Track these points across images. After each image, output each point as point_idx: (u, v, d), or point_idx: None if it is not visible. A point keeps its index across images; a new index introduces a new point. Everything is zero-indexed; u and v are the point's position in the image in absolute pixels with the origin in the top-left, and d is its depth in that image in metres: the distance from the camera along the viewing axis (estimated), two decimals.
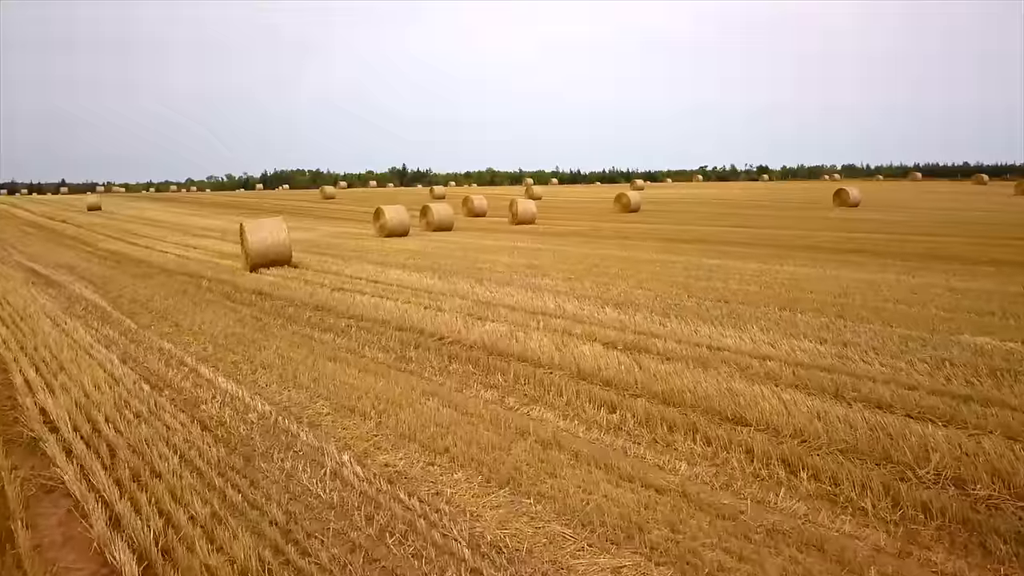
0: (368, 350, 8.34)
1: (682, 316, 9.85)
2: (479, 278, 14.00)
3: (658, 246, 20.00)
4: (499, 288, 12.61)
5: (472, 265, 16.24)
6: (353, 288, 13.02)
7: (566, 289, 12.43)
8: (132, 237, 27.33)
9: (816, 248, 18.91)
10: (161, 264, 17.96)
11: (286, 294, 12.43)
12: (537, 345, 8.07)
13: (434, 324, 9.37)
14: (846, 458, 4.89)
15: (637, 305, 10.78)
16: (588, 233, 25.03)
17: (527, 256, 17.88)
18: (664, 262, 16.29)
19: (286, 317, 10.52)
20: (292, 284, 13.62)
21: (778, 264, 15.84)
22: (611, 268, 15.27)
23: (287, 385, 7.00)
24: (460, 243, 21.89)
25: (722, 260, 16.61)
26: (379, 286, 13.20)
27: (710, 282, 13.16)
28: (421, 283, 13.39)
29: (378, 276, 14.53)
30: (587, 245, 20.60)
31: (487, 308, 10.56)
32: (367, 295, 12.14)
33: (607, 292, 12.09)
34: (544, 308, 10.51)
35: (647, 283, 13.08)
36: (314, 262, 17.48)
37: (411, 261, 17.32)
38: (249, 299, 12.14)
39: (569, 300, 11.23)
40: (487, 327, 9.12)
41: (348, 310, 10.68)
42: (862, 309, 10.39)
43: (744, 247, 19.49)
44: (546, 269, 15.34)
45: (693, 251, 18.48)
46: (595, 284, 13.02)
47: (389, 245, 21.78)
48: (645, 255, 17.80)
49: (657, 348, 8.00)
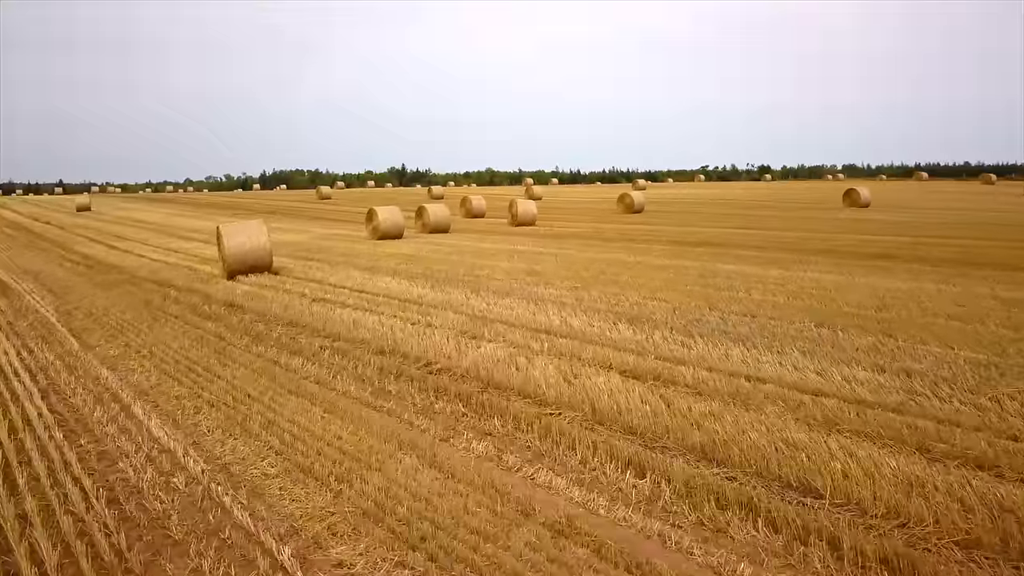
0: (340, 380, 7.02)
1: (708, 335, 8.54)
2: (475, 287, 12.69)
3: (667, 250, 18.69)
4: (497, 299, 11.29)
5: (468, 271, 14.93)
6: (335, 299, 11.71)
7: (572, 300, 11.12)
8: (113, 240, 26.02)
9: (836, 252, 17.59)
10: (133, 270, 16.64)
11: (259, 307, 11.12)
12: (541, 374, 6.75)
13: (421, 345, 8.05)
14: (968, 556, 3.58)
15: (654, 321, 9.46)
16: (591, 235, 23.72)
17: (528, 261, 16.57)
18: (676, 268, 14.98)
19: (253, 336, 9.20)
20: (268, 294, 12.30)
21: (800, 270, 14.54)
22: (620, 275, 13.97)
23: (233, 431, 5.68)
24: (457, 246, 20.58)
25: (738, 265, 15.30)
26: (364, 297, 11.88)
27: (731, 292, 11.84)
28: (411, 293, 12.08)
29: (364, 284, 13.22)
30: (591, 248, 19.30)
31: (483, 324, 9.24)
32: (349, 308, 10.83)
33: (618, 304, 10.78)
34: (548, 325, 9.20)
35: (661, 293, 11.77)
36: (298, 268, 16.17)
37: (403, 267, 16.01)
38: (217, 313, 10.82)
39: (576, 314, 9.91)
40: (483, 350, 7.80)
41: (325, 327, 9.36)
42: (910, 326, 9.08)
43: (759, 251, 18.18)
44: (548, 276, 14.03)
45: (706, 255, 17.17)
46: (604, 294, 11.71)
47: (381, 249, 20.47)
48: (655, 260, 16.49)
49: (685, 379, 6.68)
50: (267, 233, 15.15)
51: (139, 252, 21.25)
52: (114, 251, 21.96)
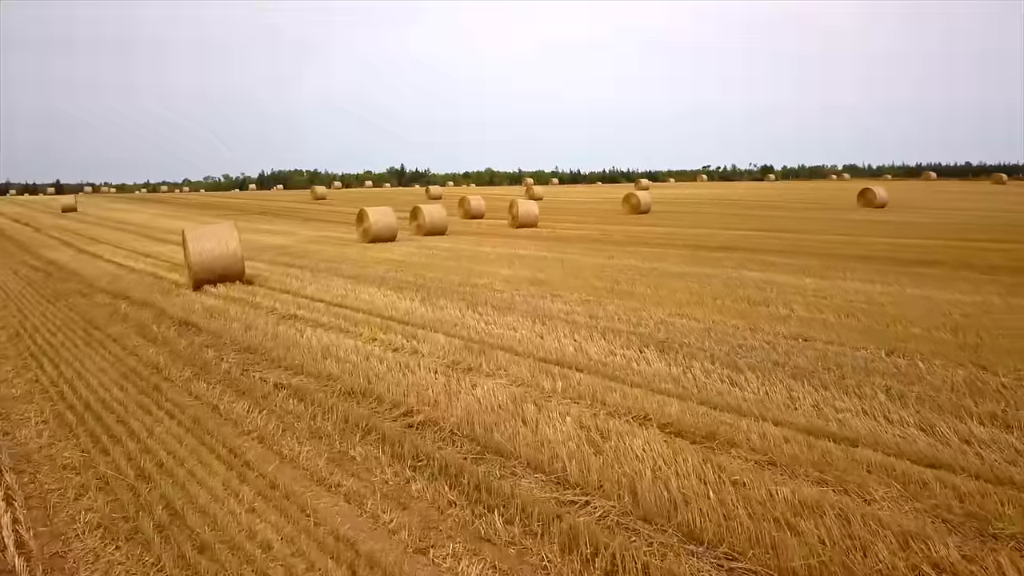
0: (291, 438, 5.33)
1: (758, 367, 6.86)
2: (472, 300, 11.01)
3: (683, 255, 17.02)
4: (498, 316, 9.62)
5: (465, 279, 13.25)
6: (307, 317, 10.02)
7: (585, 318, 9.45)
8: (86, 243, 24.34)
9: (871, 257, 15.92)
10: (92, 279, 14.95)
11: (217, 326, 9.43)
12: (558, 435, 5.07)
13: (402, 385, 6.37)
14: None
15: (687, 347, 7.78)
16: (599, 238, 22.04)
17: (531, 267, 14.89)
18: (697, 276, 13.30)
19: (198, 367, 7.50)
20: (232, 310, 10.61)
21: (837, 278, 12.87)
22: (636, 285, 12.29)
23: (117, 536, 3.91)
24: (453, 250, 18.90)
25: (766, 273, 13.63)
26: (342, 313, 10.20)
27: (768, 307, 10.17)
28: (397, 308, 10.39)
29: (345, 297, 11.54)
30: (600, 253, 17.62)
31: (480, 352, 7.56)
32: (321, 328, 9.14)
33: (640, 323, 9.11)
34: (560, 353, 7.52)
35: (688, 308, 10.10)
36: (275, 276, 14.48)
37: (392, 274, 14.33)
38: (165, 335, 9.12)
39: (592, 337, 8.23)
40: (479, 391, 6.12)
41: (287, 356, 7.67)
42: (1003, 353, 7.40)
43: (784, 256, 16.51)
44: (555, 286, 12.35)
45: (728, 261, 15.49)
46: (621, 310, 10.03)
47: (370, 253, 18.79)
48: (672, 266, 14.81)
49: (749, 438, 5.01)
50: (237, 238, 13.46)
51: (108, 256, 19.56)
52: (81, 255, 20.28)
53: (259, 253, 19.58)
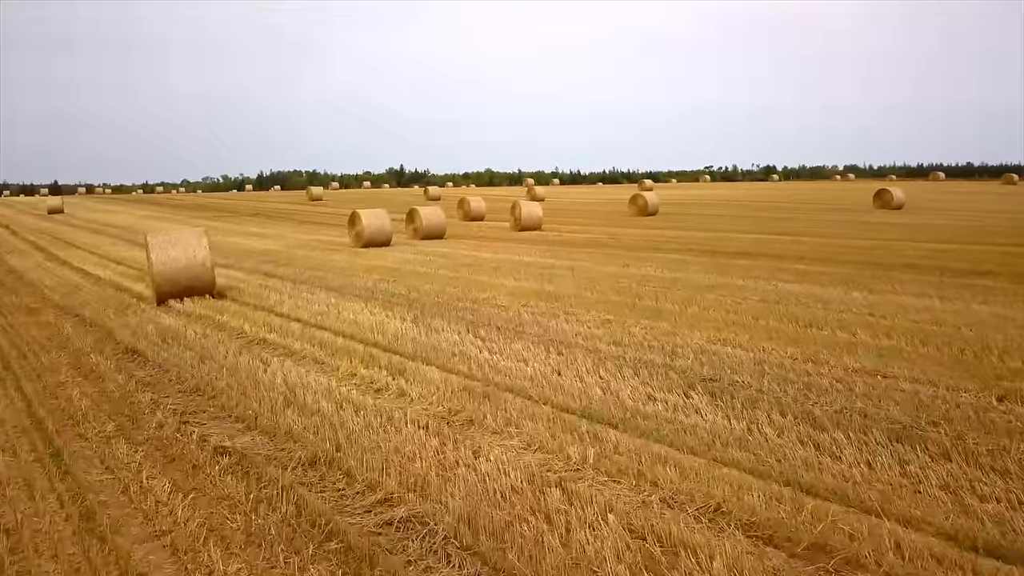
0: (215, 548, 3.71)
1: (845, 422, 5.30)
2: (473, 319, 9.45)
3: (705, 262, 15.45)
4: (504, 342, 8.05)
5: (465, 293, 11.69)
6: (278, 342, 8.46)
7: (608, 344, 7.88)
8: (59, 247, 22.78)
9: (914, 266, 14.35)
10: (47, 290, 13.39)
11: (167, 356, 7.85)
12: (600, 546, 3.51)
13: (380, 453, 4.81)
14: None
15: (743, 388, 6.23)
16: (607, 242, 20.47)
17: (538, 277, 13.33)
18: (728, 288, 11.74)
19: (126, 417, 5.93)
20: (191, 333, 9.04)
21: (888, 292, 11.32)
22: (660, 299, 10.73)
23: None
24: (451, 256, 17.34)
25: (804, 285, 12.07)
26: (320, 338, 8.63)
27: (824, 330, 8.61)
28: (385, 330, 8.83)
29: (326, 315, 9.97)
30: (613, 259, 16.06)
31: (484, 398, 6.00)
32: (292, 359, 7.58)
33: (676, 351, 7.54)
34: (586, 398, 5.95)
35: (728, 330, 8.54)
36: (252, 287, 12.91)
37: (383, 286, 12.77)
38: (102, 367, 7.54)
39: (622, 373, 6.67)
40: (484, 464, 4.56)
41: (241, 402, 6.10)
42: None
43: (815, 263, 14.95)
44: (568, 301, 10.79)
45: (755, 270, 13.93)
46: (650, 332, 8.47)
47: (361, 259, 17.23)
48: (696, 276, 13.25)
49: (879, 555, 3.44)
50: (207, 246, 11.88)
51: (77, 263, 17.99)
52: (48, 262, 18.71)
53: (241, 259, 18.03)
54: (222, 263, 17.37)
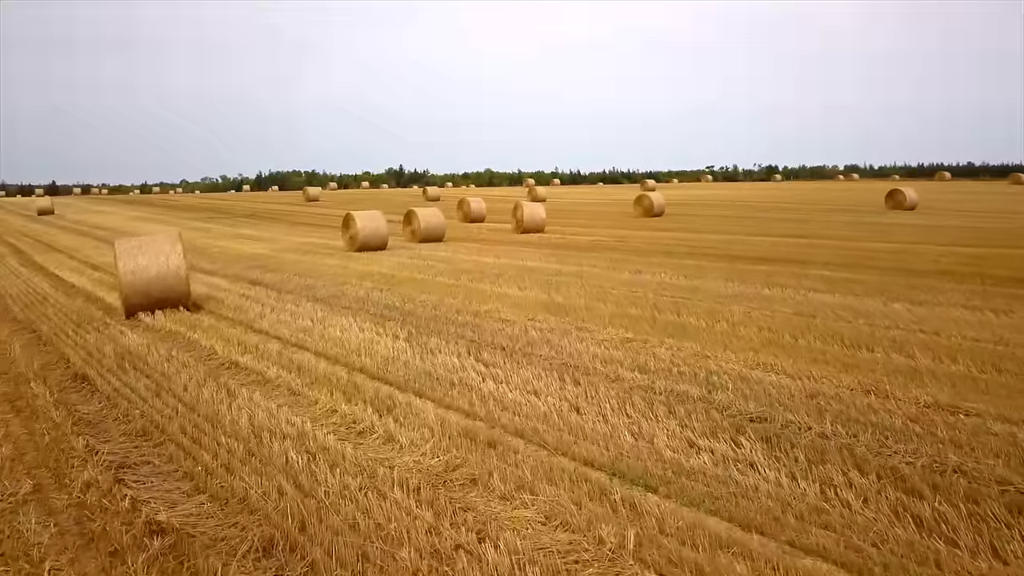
0: None
1: (942, 484, 4.23)
2: (476, 337, 8.37)
3: (722, 268, 14.37)
4: (511, 367, 6.97)
5: (466, 304, 10.62)
6: (252, 367, 7.37)
7: (632, 370, 6.80)
8: (39, 251, 21.70)
9: (950, 273, 13.28)
10: (11, 301, 12.32)
11: (120, 386, 6.77)
12: None
13: (357, 536, 3.74)
14: None
15: (803, 431, 5.15)
16: (615, 246, 19.38)
17: (545, 285, 12.25)
18: (755, 299, 10.67)
19: (48, 474, 4.84)
20: (155, 354, 7.95)
21: (934, 303, 10.24)
22: (683, 313, 9.65)
23: None
24: (451, 261, 16.25)
25: (836, 295, 11.00)
26: (300, 360, 7.55)
27: (875, 352, 7.53)
28: (374, 352, 7.75)
29: (310, 332, 8.89)
30: (623, 265, 14.98)
31: (489, 447, 4.92)
32: (264, 389, 6.50)
33: (711, 379, 6.47)
34: (616, 449, 4.87)
35: (766, 351, 7.47)
36: (232, 298, 11.82)
37: (376, 295, 11.69)
38: (40, 401, 6.44)
39: (653, 411, 5.59)
40: (492, 553, 3.47)
41: (191, 451, 5.01)
42: None
43: (841, 269, 13.87)
44: (579, 313, 9.72)
45: (780, 277, 12.84)
46: (677, 354, 7.40)
47: (354, 265, 16.14)
48: (715, 284, 12.17)
49: None
50: (181, 252, 10.79)
51: (53, 269, 16.91)
52: (24, 267, 17.62)
53: (228, 264, 16.94)
54: (206, 268, 16.30)
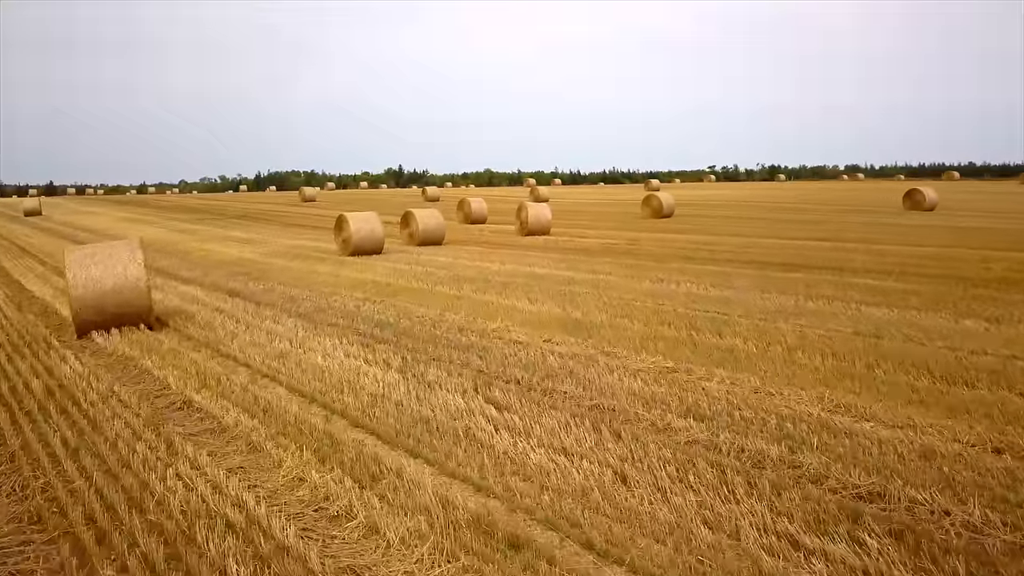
0: None
1: None
2: (483, 366, 6.95)
3: (752, 276, 12.96)
4: (530, 412, 5.55)
5: (470, 321, 9.21)
6: (205, 411, 5.95)
7: (682, 417, 5.38)
8: (10, 256, 20.29)
9: (1010, 282, 11.87)
10: None
11: (28, 439, 5.35)
12: None
13: None
14: None
15: (940, 519, 3.72)
16: (628, 249, 17.95)
17: (558, 297, 10.84)
18: (801, 314, 9.27)
19: None
20: (91, 391, 6.52)
21: (1019, 320, 8.82)
22: (726, 332, 8.23)
23: None
24: (452, 268, 14.84)
25: (892, 310, 9.61)
26: (267, 398, 6.12)
27: (975, 389, 6.14)
28: (359, 388, 6.33)
29: (284, 361, 7.46)
30: (641, 272, 13.56)
31: (512, 553, 3.49)
32: (214, 446, 5.08)
33: (784, 428, 5.05)
34: (689, 552, 3.44)
35: (841, 387, 6.06)
36: (205, 312, 10.40)
37: (367, 308, 10.28)
38: None
39: (729, 484, 4.17)
40: None
41: (86, 561, 3.60)
42: None
43: (884, 278, 12.47)
44: (604, 332, 8.31)
45: (820, 286, 11.43)
46: (732, 391, 5.99)
47: (348, 271, 14.73)
48: (752, 296, 10.76)
49: None
50: (141, 261, 9.36)
51: (17, 276, 15.52)
52: None
53: (209, 271, 15.53)
54: (183, 276, 14.89)
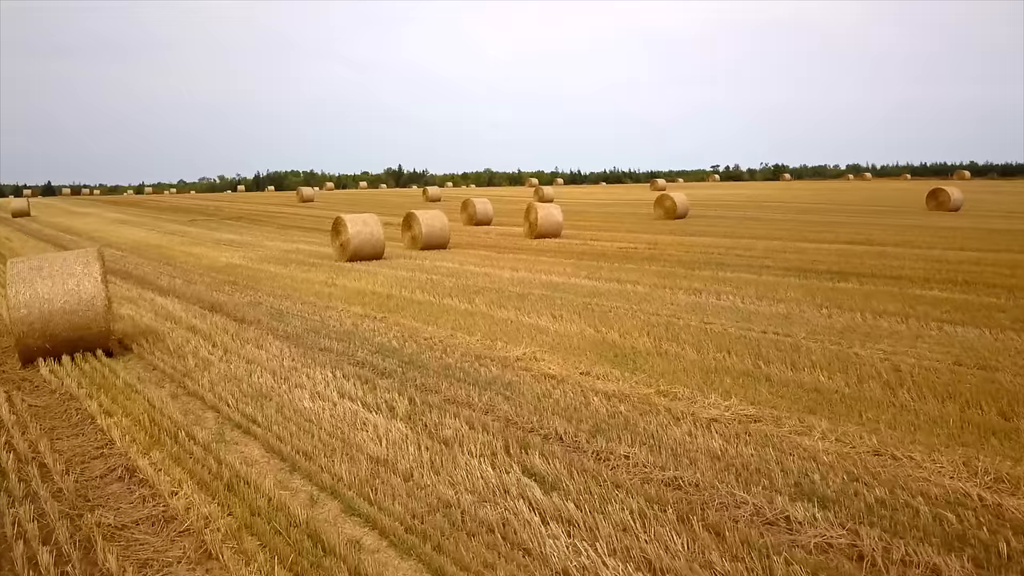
0: None
1: None
2: (512, 414, 5.47)
3: (800, 287, 11.51)
4: (588, 499, 4.07)
5: (487, 345, 7.74)
6: (151, 489, 4.48)
7: (800, 501, 3.93)
8: None
9: None
10: None
11: None
12: None
13: None
14: None
15: None
16: (652, 255, 16.45)
17: (586, 312, 9.37)
18: (881, 337, 7.81)
19: None
20: (11, 449, 5.05)
21: None
22: (802, 364, 6.76)
23: None
24: (460, 275, 13.37)
25: (993, 333, 8.19)
26: (234, 462, 4.65)
27: None
28: (356, 448, 4.86)
29: (262, 405, 5.99)
30: (671, 281, 12.09)
31: None
32: (154, 545, 3.60)
33: (949, 528, 3.56)
34: None
35: (991, 450, 4.60)
36: (179, 332, 8.93)
37: (365, 328, 8.82)
38: None
39: None
40: None
41: None
42: None
43: (958, 290, 11.04)
44: (653, 361, 6.84)
45: (883, 300, 9.98)
46: (844, 451, 4.53)
47: (344, 280, 13.25)
48: (812, 312, 9.31)
49: None
50: (98, 275, 7.88)
51: None
52: None
53: (192, 279, 14.06)
54: (162, 286, 13.40)
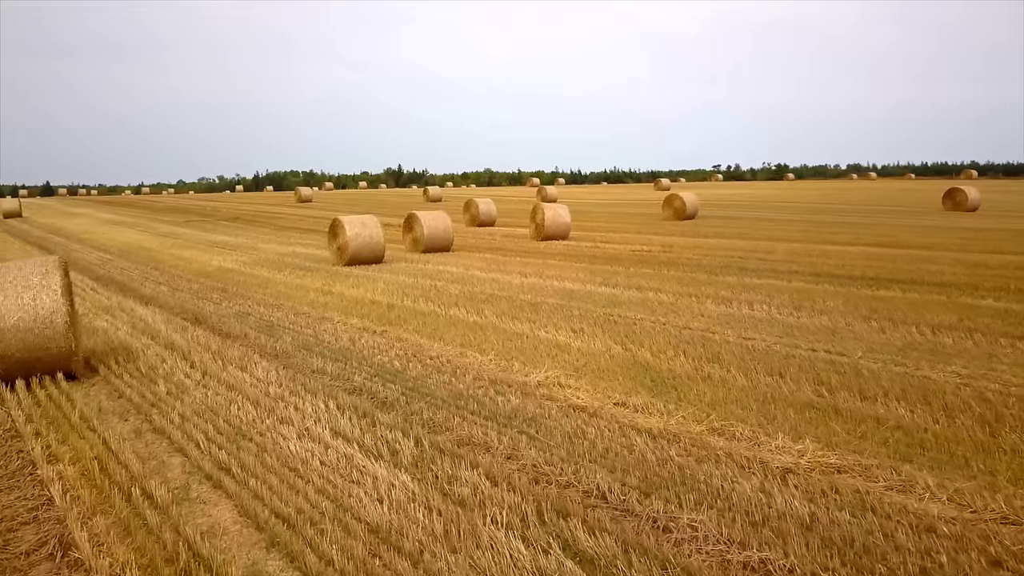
0: None
1: None
2: (539, 462, 4.50)
3: (839, 296, 10.56)
4: None
5: (501, 367, 6.77)
6: (101, 558, 3.50)
7: None
8: None
9: None
10: None
11: None
12: None
13: None
14: None
15: None
16: (668, 258, 15.48)
17: (609, 325, 8.40)
18: (949, 357, 6.86)
19: None
20: None
21: None
22: (873, 393, 5.80)
23: None
24: (466, 281, 12.40)
25: None
26: (194, 536, 3.66)
27: None
28: (351, 518, 3.89)
29: (240, 446, 5.03)
30: (696, 287, 11.13)
31: None
32: None
33: None
34: None
35: None
36: (153, 350, 7.96)
37: (364, 344, 7.85)
38: None
39: None
40: None
41: None
42: None
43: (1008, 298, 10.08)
44: (696, 388, 5.89)
45: (938, 312, 9.04)
46: (959, 512, 3.54)
47: (342, 287, 12.29)
48: (861, 327, 8.35)
49: None
50: (59, 287, 6.91)
51: None
52: None
53: (178, 286, 13.10)
54: (144, 293, 12.41)
